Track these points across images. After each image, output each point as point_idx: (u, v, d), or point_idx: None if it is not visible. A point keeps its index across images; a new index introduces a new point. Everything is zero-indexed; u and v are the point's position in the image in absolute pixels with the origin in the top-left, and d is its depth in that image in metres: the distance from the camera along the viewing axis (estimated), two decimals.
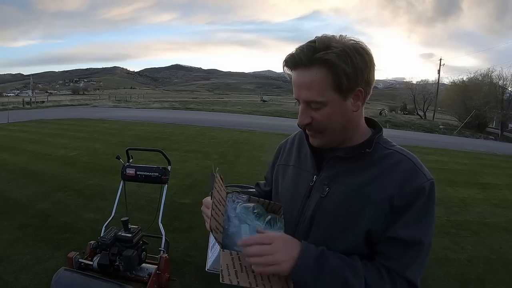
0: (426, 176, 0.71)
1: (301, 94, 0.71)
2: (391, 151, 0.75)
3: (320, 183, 0.78)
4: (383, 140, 0.77)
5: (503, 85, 23.58)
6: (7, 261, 2.63)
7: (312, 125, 0.73)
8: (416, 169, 0.71)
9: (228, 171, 5.77)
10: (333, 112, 0.71)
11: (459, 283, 2.69)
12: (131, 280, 2.02)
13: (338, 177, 0.76)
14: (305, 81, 0.69)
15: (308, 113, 0.72)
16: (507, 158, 10.19)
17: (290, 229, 0.79)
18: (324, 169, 0.79)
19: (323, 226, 0.76)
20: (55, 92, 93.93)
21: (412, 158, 0.73)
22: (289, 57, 0.71)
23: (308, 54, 0.67)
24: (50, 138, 8.84)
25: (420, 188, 0.69)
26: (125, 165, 2.59)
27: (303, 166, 0.85)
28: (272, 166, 1.00)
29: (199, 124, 13.13)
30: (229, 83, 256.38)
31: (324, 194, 0.76)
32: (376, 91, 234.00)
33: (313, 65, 0.67)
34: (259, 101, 47.17)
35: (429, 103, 32.14)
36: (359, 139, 0.77)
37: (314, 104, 0.70)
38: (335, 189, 0.75)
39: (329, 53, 0.66)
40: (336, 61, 0.66)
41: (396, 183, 0.69)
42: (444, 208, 4.55)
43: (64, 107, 24.53)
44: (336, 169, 0.77)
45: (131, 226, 2.12)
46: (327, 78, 0.67)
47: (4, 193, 4.29)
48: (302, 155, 0.88)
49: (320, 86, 0.68)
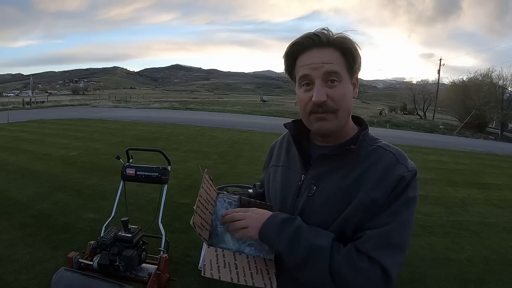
0: (408, 168, 0.72)
1: (321, 68, 0.73)
2: (376, 146, 0.77)
3: (308, 182, 0.80)
4: (369, 137, 0.80)
5: (503, 85, 23.58)
6: (7, 261, 2.63)
7: (327, 104, 0.73)
8: (396, 161, 0.73)
9: (228, 171, 5.77)
10: (346, 91, 0.75)
11: (459, 283, 2.69)
12: (131, 280, 2.01)
13: (324, 176, 0.78)
14: (326, 56, 0.73)
15: (324, 90, 0.73)
16: (507, 158, 10.18)
17: None
18: (312, 168, 0.81)
19: (311, 224, 0.76)
20: (55, 92, 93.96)
21: (394, 152, 0.75)
22: (304, 39, 0.74)
23: (326, 36, 0.74)
24: (50, 138, 8.84)
25: (400, 177, 0.70)
26: (125, 165, 2.59)
27: (292, 166, 0.87)
28: (265, 168, 1.02)
29: (199, 124, 13.13)
30: (229, 83, 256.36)
31: (312, 193, 0.78)
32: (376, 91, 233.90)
33: (330, 46, 0.74)
34: (259, 101, 47.16)
35: (429, 103, 32.13)
36: (346, 135, 0.81)
37: (334, 76, 0.73)
38: (322, 187, 0.77)
39: (344, 38, 0.74)
40: (349, 45, 0.74)
41: (376, 177, 0.72)
42: (444, 208, 4.55)
43: (64, 107, 24.53)
44: (323, 167, 0.79)
45: (131, 226, 2.12)
46: (341, 58, 0.74)
47: (4, 193, 4.29)
48: (290, 155, 0.89)
49: (338, 62, 0.74)
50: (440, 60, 32.28)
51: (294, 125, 0.88)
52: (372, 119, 22.38)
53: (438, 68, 32.47)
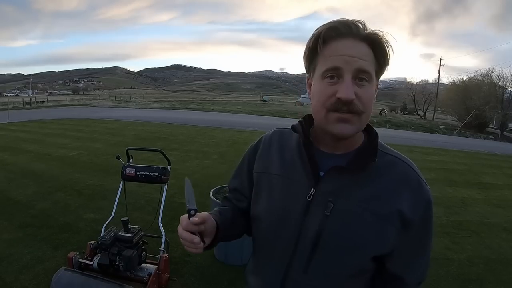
0: (427, 186, 0.72)
1: (355, 63, 0.63)
2: (392, 157, 0.72)
3: (322, 197, 0.69)
4: (379, 144, 0.74)
5: (503, 85, 23.58)
6: (7, 261, 2.63)
7: (354, 104, 0.64)
8: (420, 180, 0.71)
9: (228, 171, 5.77)
10: (373, 93, 0.68)
11: (459, 283, 2.69)
12: (131, 280, 2.02)
13: (342, 191, 0.68)
14: (359, 51, 0.64)
15: (353, 88, 0.63)
16: (507, 158, 10.18)
17: (287, 251, 0.72)
18: (324, 181, 0.69)
19: (331, 249, 0.68)
20: (55, 92, 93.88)
21: (414, 168, 0.72)
22: (341, 25, 0.65)
23: (363, 29, 0.65)
24: (50, 138, 8.84)
25: (428, 202, 0.70)
26: (125, 165, 2.59)
27: (293, 175, 0.74)
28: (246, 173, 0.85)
29: (199, 124, 13.12)
30: (229, 83, 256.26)
31: (329, 212, 0.67)
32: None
33: (365, 40, 0.65)
34: (259, 101, 47.13)
35: (429, 103, 32.12)
36: (355, 143, 0.73)
37: (365, 75, 0.64)
38: (340, 205, 0.67)
39: (381, 37, 0.66)
40: (385, 46, 0.66)
41: (406, 197, 0.68)
42: (444, 208, 4.54)
43: (64, 107, 24.51)
44: (339, 180, 0.69)
45: (131, 226, 2.12)
46: (373, 58, 0.66)
47: (4, 193, 4.29)
48: (287, 161, 0.76)
49: (370, 61, 0.66)
50: (440, 60, 32.33)
51: (302, 128, 0.75)
52: (372, 119, 22.31)
53: (438, 68, 32.49)
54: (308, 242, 0.69)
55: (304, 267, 0.70)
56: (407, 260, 0.73)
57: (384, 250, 0.69)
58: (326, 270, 0.69)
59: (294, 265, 0.71)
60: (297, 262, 0.70)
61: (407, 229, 0.68)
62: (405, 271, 0.74)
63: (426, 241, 0.73)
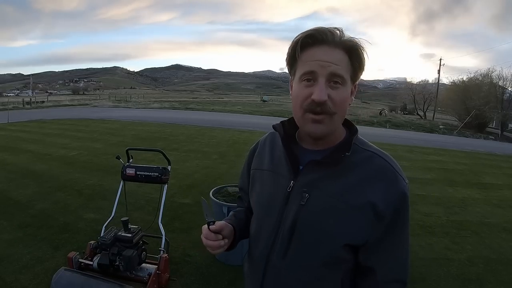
0: (404, 180, 0.74)
1: (328, 68, 0.69)
2: (370, 152, 0.75)
3: (299, 189, 0.75)
4: (359, 141, 0.77)
5: (503, 85, 23.60)
6: (7, 261, 2.63)
7: (327, 105, 0.69)
8: (396, 173, 0.73)
9: (228, 171, 5.77)
10: (346, 95, 0.72)
11: (459, 283, 2.69)
12: (131, 280, 2.02)
13: (317, 183, 0.74)
14: (334, 57, 0.70)
15: (327, 91, 0.69)
16: (507, 158, 10.18)
17: (270, 237, 0.79)
18: (302, 174, 0.76)
19: (305, 237, 0.74)
20: (55, 92, 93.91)
21: (391, 162, 0.75)
22: (317, 33, 0.70)
23: (339, 36, 0.70)
24: (50, 138, 8.84)
25: (403, 194, 0.72)
26: (125, 165, 2.59)
27: (279, 170, 0.81)
28: (246, 173, 0.96)
29: (199, 124, 13.13)
30: (229, 83, 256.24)
31: (304, 202, 0.74)
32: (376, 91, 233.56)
33: (340, 46, 0.70)
34: (259, 101, 47.15)
35: (429, 103, 32.14)
36: (335, 139, 0.78)
37: (338, 79, 0.70)
38: (315, 196, 0.73)
39: (356, 43, 0.71)
40: (359, 52, 0.71)
41: (379, 189, 0.70)
42: (444, 208, 4.55)
43: (64, 107, 24.52)
44: (315, 173, 0.75)
45: (131, 226, 2.12)
46: (348, 63, 0.72)
47: (4, 193, 4.29)
48: (275, 158, 0.84)
49: (344, 66, 0.71)
50: (440, 60, 32.33)
51: (282, 127, 0.84)
52: (372, 119, 22.37)
53: (438, 68, 32.49)
54: (286, 230, 0.76)
55: (283, 254, 0.76)
56: (380, 252, 0.73)
57: (356, 240, 0.72)
58: (301, 257, 0.74)
59: (275, 251, 0.78)
60: (277, 249, 0.77)
61: (380, 220, 0.70)
62: (378, 263, 0.74)
63: (400, 235, 0.74)
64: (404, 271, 0.76)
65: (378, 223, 0.70)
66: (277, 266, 0.77)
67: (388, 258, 0.74)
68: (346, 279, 0.76)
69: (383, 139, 11.49)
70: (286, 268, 0.76)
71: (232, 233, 0.87)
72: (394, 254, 0.74)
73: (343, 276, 0.75)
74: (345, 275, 0.75)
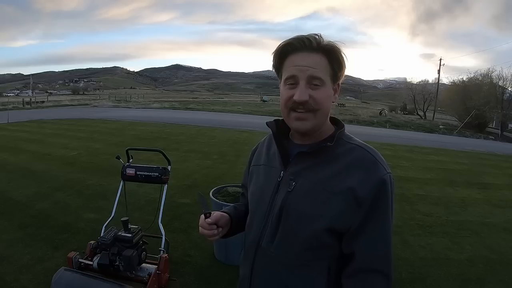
0: (386, 169, 0.78)
1: (307, 71, 0.76)
2: (353, 145, 0.81)
3: (287, 178, 0.83)
4: (345, 136, 0.84)
5: (503, 85, 23.60)
6: (7, 261, 2.63)
7: (309, 104, 0.77)
8: (376, 162, 0.78)
9: (228, 171, 5.77)
10: (326, 94, 0.79)
11: (459, 283, 2.69)
12: (131, 280, 2.02)
13: (303, 172, 0.81)
14: (313, 61, 0.77)
15: (307, 91, 0.76)
16: (507, 158, 10.18)
17: (261, 223, 0.86)
18: (291, 165, 0.84)
19: (290, 219, 0.80)
20: (55, 92, 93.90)
21: (372, 152, 0.79)
22: (296, 41, 0.78)
23: (317, 41, 0.77)
24: (50, 138, 8.84)
25: (382, 181, 0.75)
26: (125, 165, 2.59)
27: (272, 163, 0.90)
28: (247, 170, 1.04)
29: (199, 124, 13.13)
30: (229, 83, 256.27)
31: (291, 189, 0.81)
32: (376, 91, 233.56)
33: (319, 51, 0.77)
34: (259, 101, 47.15)
35: (429, 103, 32.14)
36: (323, 135, 0.84)
37: (317, 81, 0.77)
38: (300, 183, 0.80)
39: (333, 46, 0.78)
40: (337, 54, 0.78)
41: (358, 176, 0.75)
42: (444, 208, 4.55)
43: (64, 107, 24.53)
44: (302, 164, 0.82)
45: (131, 226, 2.12)
46: (327, 65, 0.78)
47: (4, 193, 4.29)
48: (271, 154, 0.93)
49: (323, 68, 0.78)
50: (440, 60, 32.32)
51: (276, 124, 0.92)
52: (372, 119, 22.38)
53: (438, 68, 32.49)
54: (275, 215, 0.83)
55: (271, 237, 0.83)
56: (359, 239, 0.76)
57: (338, 224, 0.76)
58: (286, 239, 0.80)
59: (265, 235, 0.84)
60: (267, 233, 0.84)
61: (359, 206, 0.74)
62: (357, 250, 0.76)
63: (381, 223, 0.76)
64: (385, 262, 0.77)
65: (358, 209, 0.74)
66: (265, 250, 0.83)
67: (367, 245, 0.76)
68: (333, 269, 0.79)
69: (383, 139, 11.49)
70: (274, 251, 0.82)
71: (229, 222, 0.95)
72: (374, 242, 0.76)
73: (329, 264, 0.79)
74: (331, 263, 0.79)
